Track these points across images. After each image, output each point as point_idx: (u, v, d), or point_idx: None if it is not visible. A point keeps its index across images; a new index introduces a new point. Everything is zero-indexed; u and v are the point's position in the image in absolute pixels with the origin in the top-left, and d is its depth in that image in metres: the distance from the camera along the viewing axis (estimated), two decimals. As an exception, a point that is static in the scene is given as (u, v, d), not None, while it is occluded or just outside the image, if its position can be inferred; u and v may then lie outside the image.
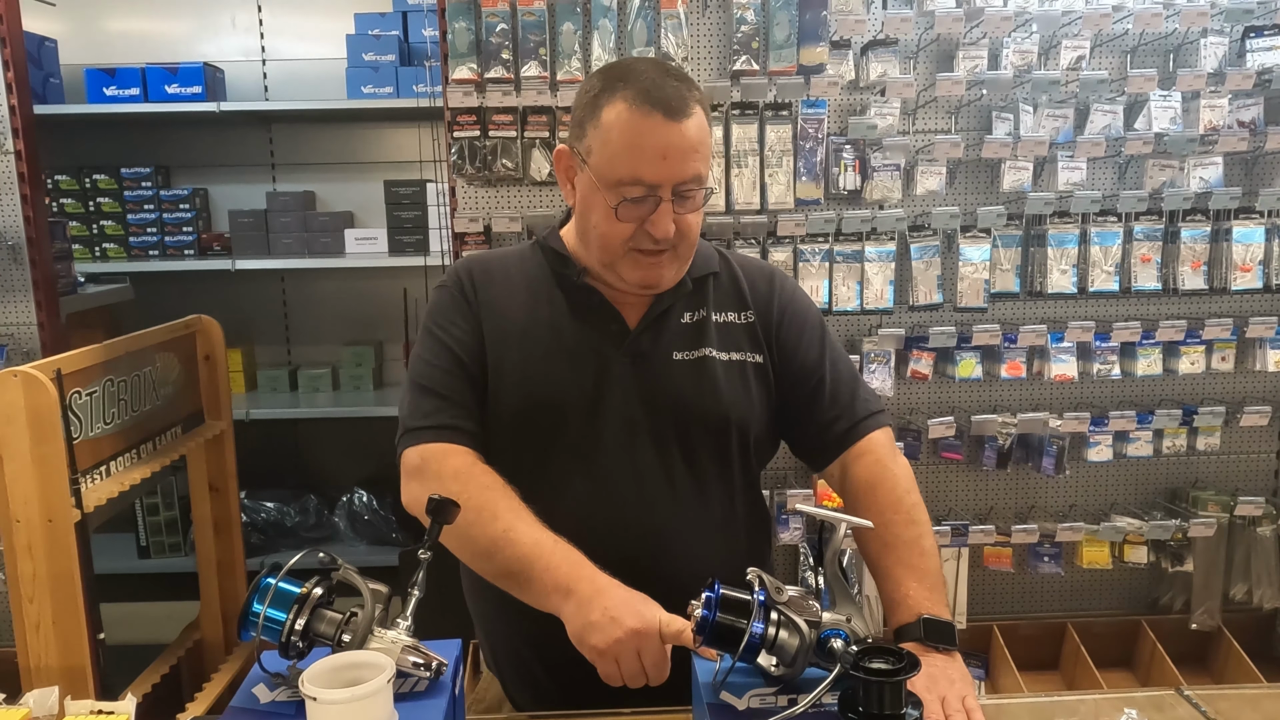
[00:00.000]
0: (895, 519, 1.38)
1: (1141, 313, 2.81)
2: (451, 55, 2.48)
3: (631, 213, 1.34)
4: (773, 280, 1.56)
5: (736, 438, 1.46)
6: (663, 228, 1.33)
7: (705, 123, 1.36)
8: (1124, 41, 2.69)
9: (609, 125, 1.32)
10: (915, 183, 2.61)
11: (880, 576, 1.37)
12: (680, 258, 1.41)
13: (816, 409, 1.50)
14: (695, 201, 1.37)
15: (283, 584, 1.07)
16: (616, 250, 1.38)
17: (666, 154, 1.31)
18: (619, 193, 1.33)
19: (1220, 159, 2.64)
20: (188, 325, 2.72)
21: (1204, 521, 2.75)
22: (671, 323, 1.47)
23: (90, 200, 3.76)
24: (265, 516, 3.81)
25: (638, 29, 2.48)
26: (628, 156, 1.32)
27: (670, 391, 1.43)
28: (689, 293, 1.48)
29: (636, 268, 1.38)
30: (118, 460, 2.36)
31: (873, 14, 2.59)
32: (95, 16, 3.94)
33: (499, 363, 1.42)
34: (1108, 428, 2.74)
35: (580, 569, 1.23)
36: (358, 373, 3.95)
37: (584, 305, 1.46)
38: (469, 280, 1.48)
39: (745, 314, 1.51)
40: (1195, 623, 2.89)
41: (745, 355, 1.48)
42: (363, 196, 3.97)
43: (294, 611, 1.05)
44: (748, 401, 1.47)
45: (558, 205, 2.65)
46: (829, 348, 1.53)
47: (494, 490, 1.32)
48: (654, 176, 1.32)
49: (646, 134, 1.31)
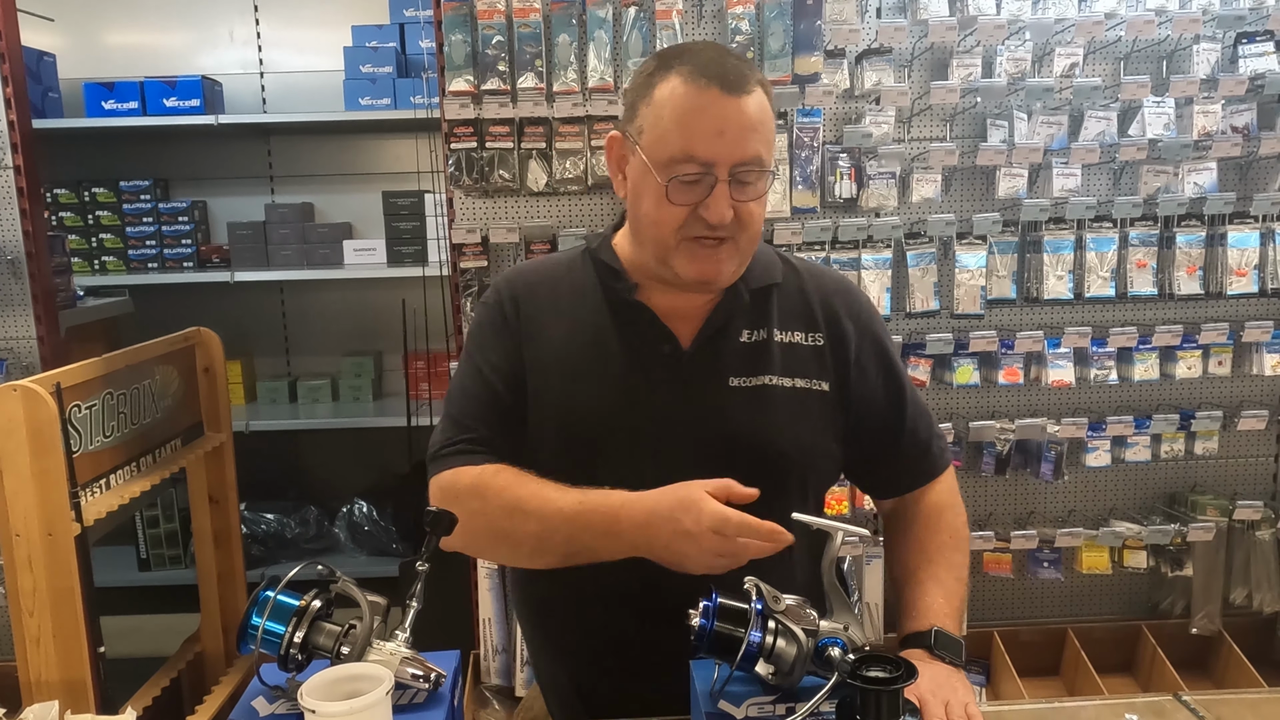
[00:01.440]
0: (945, 541, 1.37)
1: (1138, 318, 2.82)
2: (448, 67, 2.49)
3: (684, 194, 1.22)
4: (847, 295, 1.42)
5: (797, 475, 1.34)
6: (718, 211, 1.21)
7: (767, 105, 1.25)
8: (1117, 48, 2.70)
9: (662, 101, 1.22)
10: (911, 190, 2.62)
11: (907, 582, 1.35)
12: (741, 251, 1.28)
13: (891, 449, 1.41)
14: (756, 188, 1.24)
15: (281, 597, 1.07)
16: (669, 240, 1.25)
17: (723, 129, 1.20)
18: (670, 171, 1.21)
19: (1214, 164, 2.65)
20: (187, 338, 2.72)
21: (1203, 526, 2.75)
22: (729, 343, 1.33)
23: (89, 214, 3.76)
24: (265, 528, 3.81)
25: (633, 40, 2.50)
26: (680, 131, 1.20)
27: (724, 423, 1.30)
28: (747, 306, 1.35)
29: (692, 259, 1.25)
30: (117, 473, 2.35)
31: (867, 23, 2.61)
32: (94, 31, 3.95)
33: (540, 388, 1.32)
34: (1105, 433, 2.74)
35: (610, 514, 1.18)
36: (357, 383, 3.95)
37: (633, 324, 1.33)
38: (510, 299, 1.37)
39: (814, 335, 1.37)
40: (1195, 627, 2.89)
41: (811, 382, 1.34)
42: (361, 208, 3.97)
43: (293, 624, 1.06)
44: (811, 436, 1.34)
45: (555, 216, 2.66)
46: (905, 379, 1.43)
47: (511, 488, 1.25)
48: (708, 153, 1.20)
49: (701, 107, 1.20)
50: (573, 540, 1.21)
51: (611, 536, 1.19)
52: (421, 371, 3.74)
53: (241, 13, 3.95)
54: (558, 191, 2.59)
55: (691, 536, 1.12)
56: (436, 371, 3.69)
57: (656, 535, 1.15)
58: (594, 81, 2.51)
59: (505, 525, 1.25)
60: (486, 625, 2.66)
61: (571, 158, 2.52)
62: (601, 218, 2.67)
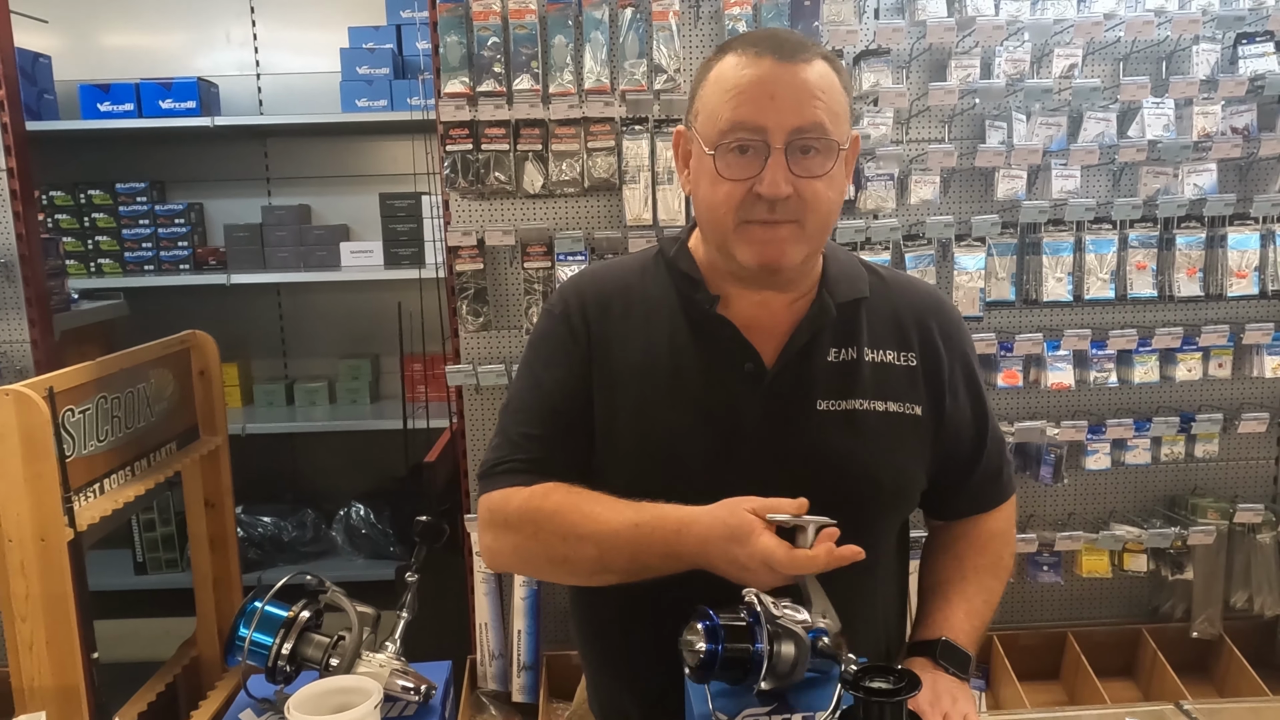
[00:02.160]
0: (985, 565, 1.32)
1: (1138, 320, 2.80)
2: (443, 69, 2.47)
3: (737, 167, 1.13)
4: (940, 311, 1.32)
5: (887, 505, 1.27)
6: (772, 182, 1.11)
7: (833, 78, 1.15)
8: (1116, 49, 2.68)
9: (715, 79, 1.16)
10: (909, 192, 2.60)
11: (934, 593, 1.31)
12: (808, 235, 1.17)
13: (964, 477, 1.33)
14: (820, 161, 1.13)
15: (269, 607, 1.06)
16: (727, 223, 1.16)
17: (775, 93, 1.11)
18: (721, 142, 1.14)
19: (1214, 165, 2.63)
20: (182, 341, 2.71)
21: (1204, 529, 2.73)
22: (816, 361, 1.23)
23: (85, 216, 3.75)
24: (262, 531, 3.80)
25: (630, 41, 2.48)
26: (730, 100, 1.13)
27: (811, 450, 1.21)
28: (834, 321, 1.25)
29: (751, 243, 1.16)
30: (111, 478, 2.34)
31: (865, 24, 2.59)
32: (90, 33, 3.94)
33: (612, 409, 1.22)
34: (1105, 436, 2.72)
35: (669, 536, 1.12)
36: (354, 386, 3.94)
37: (713, 339, 1.23)
38: (580, 310, 1.27)
39: (906, 355, 1.27)
40: (1196, 631, 2.87)
41: (904, 406, 1.24)
42: (358, 210, 3.97)
43: (281, 635, 1.05)
44: (902, 463, 1.25)
45: (552, 218, 2.65)
46: (986, 405, 1.34)
47: (563, 512, 1.18)
48: (759, 117, 1.11)
49: (752, 75, 1.12)
50: (635, 559, 1.15)
51: (672, 558, 1.12)
52: (419, 374, 3.72)
53: (238, 14, 3.94)
54: (554, 194, 2.57)
55: (747, 569, 1.07)
56: (434, 374, 3.68)
57: (715, 560, 1.09)
58: (590, 83, 2.50)
59: (562, 550, 1.18)
60: (483, 630, 2.65)
61: (568, 160, 2.51)
62: (599, 220, 2.66)
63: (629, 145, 2.49)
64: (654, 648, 1.26)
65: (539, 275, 2.54)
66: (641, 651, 1.30)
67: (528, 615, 2.60)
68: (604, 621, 1.35)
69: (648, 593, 1.18)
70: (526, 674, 2.62)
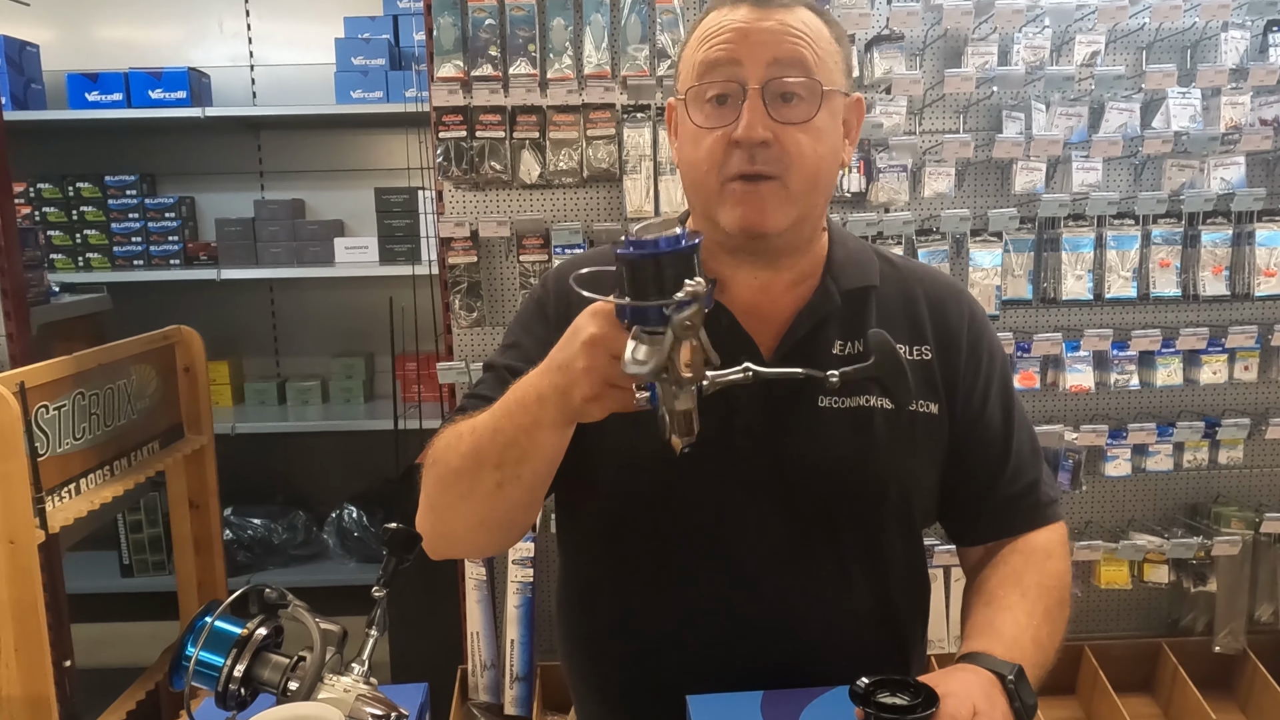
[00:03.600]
0: (1049, 584, 1.14)
1: (1161, 320, 2.69)
2: (437, 52, 2.38)
3: (713, 116, 1.06)
4: (961, 303, 1.21)
5: (897, 511, 1.16)
6: (748, 125, 1.02)
7: (819, 23, 1.08)
8: (1140, 36, 2.58)
9: (693, 38, 1.11)
10: (923, 184, 2.51)
11: (988, 604, 1.13)
12: (792, 195, 1.07)
13: (990, 485, 1.19)
14: (802, 107, 1.04)
15: (220, 623, 0.95)
16: (710, 184, 1.07)
17: (749, 33, 1.04)
18: (694, 85, 1.07)
19: (1242, 159, 2.53)
20: (166, 336, 2.63)
21: (1228, 539, 2.63)
22: (819, 354, 1.14)
23: (74, 209, 3.67)
24: (252, 533, 3.72)
25: (631, 24, 2.38)
26: (704, 45, 1.07)
27: (814, 450, 1.12)
28: (839, 310, 1.15)
29: (734, 206, 1.07)
30: (88, 478, 2.26)
31: (877, 8, 2.50)
32: (81, 22, 3.87)
33: None
34: (1126, 441, 2.62)
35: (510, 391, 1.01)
36: (348, 385, 3.86)
37: (707, 328, 1.19)
38: (559, 295, 1.19)
39: (921, 348, 1.17)
40: (1219, 645, 2.77)
41: (918, 404, 1.15)
42: (353, 204, 3.88)
43: (233, 655, 0.94)
44: (914, 465, 1.16)
45: (549, 209, 2.55)
46: (1016, 407, 1.23)
47: (454, 425, 1.09)
48: (732, 54, 1.04)
49: (727, 20, 1.06)
50: (496, 435, 1.01)
51: (520, 406, 0.99)
52: (413, 373, 3.63)
53: (231, 4, 3.86)
54: (551, 184, 2.47)
55: (573, 334, 0.93)
56: (428, 373, 3.59)
57: (547, 377, 0.96)
58: (590, 68, 2.40)
59: (445, 458, 1.07)
60: (475, 639, 2.55)
61: (566, 148, 2.41)
62: (598, 212, 2.56)
63: (630, 134, 2.40)
64: (646, 684, 1.16)
65: (535, 269, 2.44)
66: (635, 687, 1.20)
67: (521, 624, 2.50)
68: (597, 654, 1.24)
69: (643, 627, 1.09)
70: (519, 685, 2.53)
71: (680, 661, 1.15)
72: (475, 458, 1.04)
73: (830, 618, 1.14)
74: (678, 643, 1.14)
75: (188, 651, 0.93)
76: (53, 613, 2.21)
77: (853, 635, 1.15)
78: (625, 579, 1.17)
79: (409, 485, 1.22)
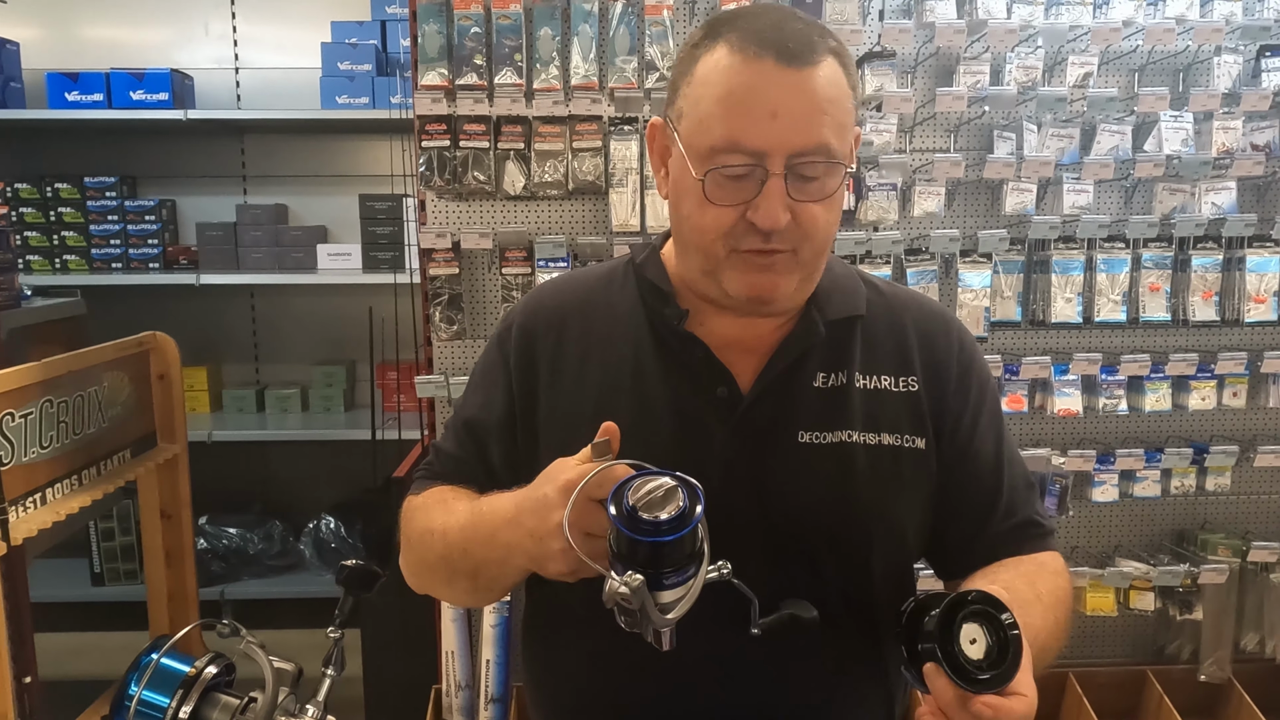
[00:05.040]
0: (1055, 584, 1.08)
1: (1150, 344, 2.67)
2: (421, 60, 2.33)
3: (728, 192, 0.99)
4: (949, 333, 1.16)
5: (882, 552, 1.10)
6: (769, 213, 0.97)
7: (842, 80, 1.00)
8: (1133, 59, 2.56)
9: (704, 78, 1.00)
10: (912, 204, 2.47)
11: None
12: (803, 264, 1.03)
13: (983, 521, 1.13)
14: (822, 185, 0.99)
15: (167, 660, 0.91)
16: (716, 251, 1.02)
17: (776, 110, 0.96)
18: (710, 163, 0.98)
19: (1234, 184, 2.51)
20: (140, 343, 2.57)
21: (1215, 568, 2.60)
22: (800, 387, 1.09)
23: (52, 210, 3.61)
24: (227, 543, 3.65)
25: (620, 35, 2.34)
26: (723, 113, 0.97)
27: (793, 488, 1.07)
28: (823, 341, 1.10)
29: (743, 273, 1.02)
30: (55, 487, 2.20)
31: (869, 25, 2.47)
32: (65, 21, 3.82)
33: (566, 441, 0.98)
34: (1114, 466, 2.59)
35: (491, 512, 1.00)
36: (328, 393, 3.81)
37: (682, 360, 1.09)
38: (522, 333, 1.15)
39: (907, 380, 1.12)
40: (1204, 674, 2.74)
41: (901, 439, 1.09)
42: (337, 211, 3.83)
43: (179, 696, 0.89)
44: (899, 504, 1.10)
45: (533, 222, 2.51)
46: (1005, 440, 1.17)
47: (428, 508, 1.11)
48: (757, 140, 0.96)
49: (750, 84, 0.97)
50: (468, 555, 1.02)
51: (490, 543, 0.99)
52: (394, 382, 3.58)
53: (217, 6, 3.82)
54: (536, 196, 2.43)
55: (545, 506, 0.90)
56: (409, 383, 3.54)
57: (520, 525, 0.94)
58: (577, 79, 2.36)
59: (420, 550, 1.10)
60: (450, 659, 2.50)
61: (551, 160, 2.37)
62: (583, 225, 2.51)
63: (617, 146, 2.35)
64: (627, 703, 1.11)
65: (518, 282, 2.39)
66: (604, 702, 1.14)
67: (497, 644, 2.45)
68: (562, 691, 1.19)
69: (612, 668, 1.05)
70: (494, 707, 2.48)
71: (653, 704, 1.10)
72: (448, 566, 1.06)
73: (812, 663, 1.08)
74: (650, 685, 1.09)
75: (130, 690, 0.89)
76: (14, 625, 2.15)
77: (832, 678, 1.10)
78: (594, 620, 1.11)
79: (387, 497, 1.21)
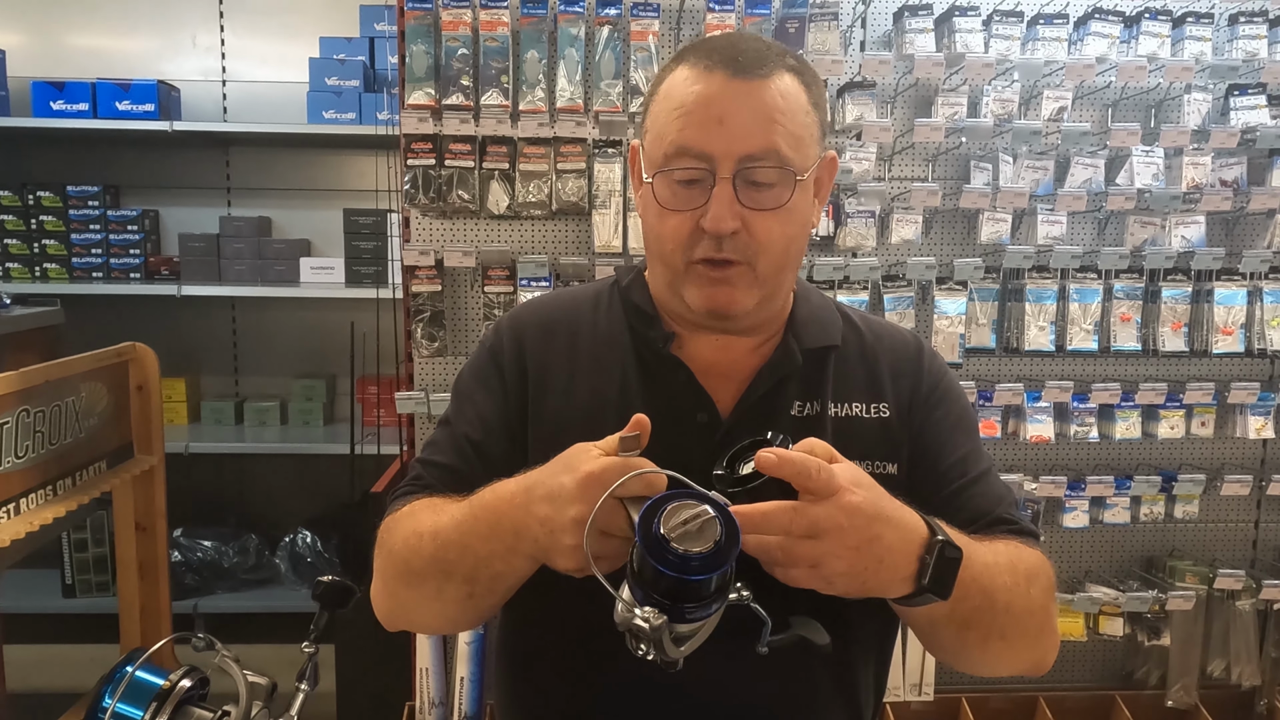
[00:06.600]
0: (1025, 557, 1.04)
1: (1120, 373, 2.72)
2: (408, 79, 2.36)
3: (679, 197, 1.02)
4: (920, 358, 1.18)
5: None
6: (716, 216, 0.99)
7: (799, 94, 1.02)
8: (1106, 94, 2.62)
9: (665, 94, 1.04)
10: (890, 231, 2.51)
11: None
12: (761, 280, 1.05)
13: (963, 526, 1.06)
14: (776, 194, 1.01)
15: (141, 673, 0.91)
16: (675, 263, 1.05)
17: (724, 117, 0.99)
18: (663, 168, 1.02)
19: (1203, 218, 2.57)
20: (119, 353, 2.56)
21: (1183, 594, 2.63)
22: (778, 413, 1.10)
23: (33, 218, 3.59)
24: (202, 556, 3.61)
25: (605, 60, 2.38)
26: (675, 121, 1.01)
27: None
28: (800, 369, 1.11)
29: (700, 286, 1.05)
30: (29, 497, 2.18)
31: (850, 55, 2.51)
32: (52, 31, 3.81)
33: (546, 453, 0.99)
34: (1084, 492, 2.63)
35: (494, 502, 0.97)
36: (308, 407, 3.79)
37: (665, 383, 1.10)
38: (513, 342, 1.15)
39: (878, 406, 1.13)
40: (1171, 699, 2.77)
41: (874, 465, 1.09)
42: (321, 225, 3.83)
43: (153, 709, 0.90)
44: None
45: (516, 241, 2.53)
46: (982, 454, 1.17)
47: (416, 513, 1.06)
48: (705, 145, 0.99)
49: (701, 93, 1.00)
50: (466, 552, 0.97)
51: (493, 533, 0.95)
52: (374, 397, 3.58)
53: (205, 19, 3.82)
54: (519, 215, 2.46)
55: (561, 497, 0.88)
56: (389, 398, 3.54)
57: (531, 511, 0.91)
58: (562, 102, 2.39)
59: (406, 558, 1.03)
60: (424, 676, 2.49)
61: (535, 180, 2.39)
62: (566, 245, 2.54)
63: (601, 168, 2.38)
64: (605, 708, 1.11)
65: (500, 300, 2.41)
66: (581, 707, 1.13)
67: (472, 662, 2.45)
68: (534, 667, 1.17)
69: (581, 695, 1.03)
70: (469, 725, 2.47)
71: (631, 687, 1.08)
72: (442, 569, 1.00)
73: (785, 705, 1.08)
74: (628, 703, 1.09)
75: (104, 703, 0.89)
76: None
77: (806, 706, 1.10)
78: (564, 645, 1.11)
79: (364, 512, 1.17)
